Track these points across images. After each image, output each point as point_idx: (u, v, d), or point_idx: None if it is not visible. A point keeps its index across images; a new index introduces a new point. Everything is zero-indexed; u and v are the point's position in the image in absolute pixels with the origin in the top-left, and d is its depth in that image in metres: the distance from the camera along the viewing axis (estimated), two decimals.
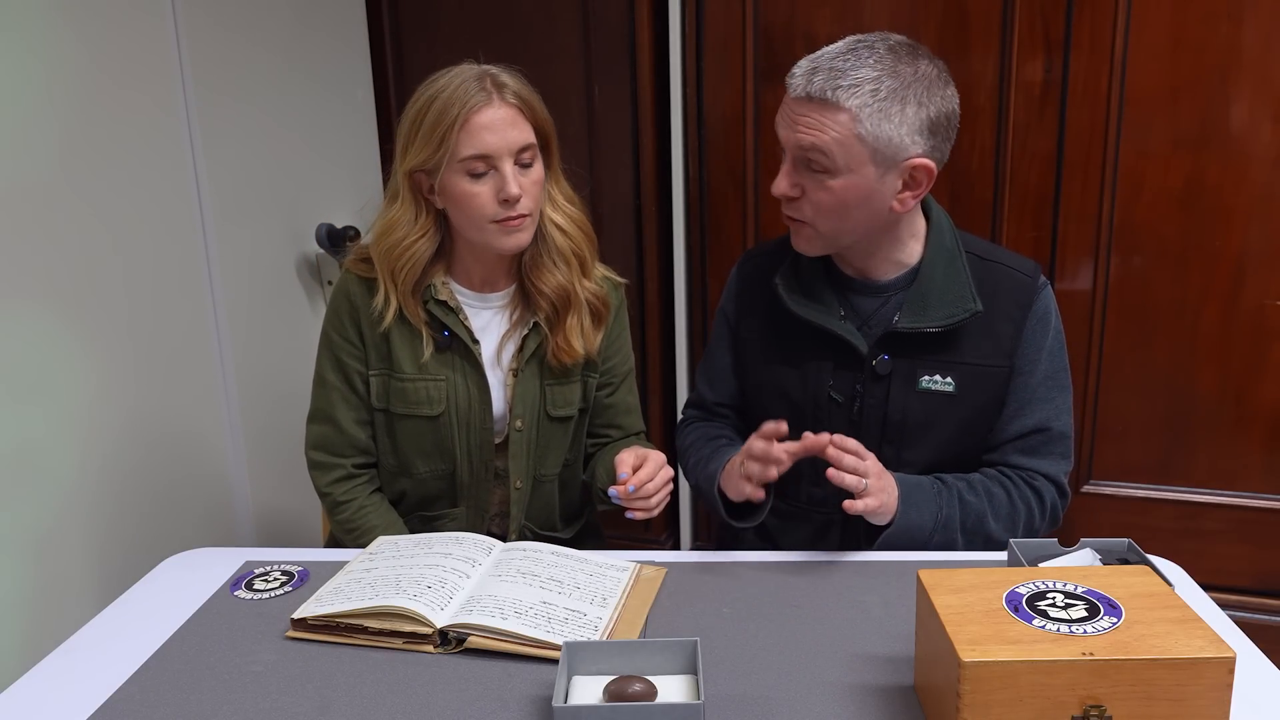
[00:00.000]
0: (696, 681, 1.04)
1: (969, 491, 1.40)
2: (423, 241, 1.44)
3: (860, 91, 1.29)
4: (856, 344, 1.41)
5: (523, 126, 1.40)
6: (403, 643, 1.16)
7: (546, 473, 1.58)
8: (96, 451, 1.73)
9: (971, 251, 1.44)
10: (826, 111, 1.31)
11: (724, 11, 2.32)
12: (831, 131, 1.31)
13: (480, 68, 1.41)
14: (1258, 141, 2.07)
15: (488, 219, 1.39)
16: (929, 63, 1.34)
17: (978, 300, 1.39)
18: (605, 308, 1.55)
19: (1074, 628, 0.92)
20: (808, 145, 1.32)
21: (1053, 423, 1.43)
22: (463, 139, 1.36)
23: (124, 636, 1.21)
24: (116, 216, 1.75)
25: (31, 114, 1.58)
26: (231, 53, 2.01)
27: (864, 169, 1.32)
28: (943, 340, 1.40)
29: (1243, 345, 2.18)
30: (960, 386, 1.41)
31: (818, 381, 1.45)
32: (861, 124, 1.30)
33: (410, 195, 1.43)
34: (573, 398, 1.55)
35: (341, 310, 1.50)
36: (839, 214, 1.36)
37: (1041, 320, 1.43)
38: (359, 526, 1.52)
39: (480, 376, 1.50)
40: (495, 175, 1.38)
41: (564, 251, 1.48)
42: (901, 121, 1.30)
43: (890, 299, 1.44)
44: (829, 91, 1.30)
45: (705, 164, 2.42)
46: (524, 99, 1.40)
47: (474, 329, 1.50)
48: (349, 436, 1.53)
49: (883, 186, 1.34)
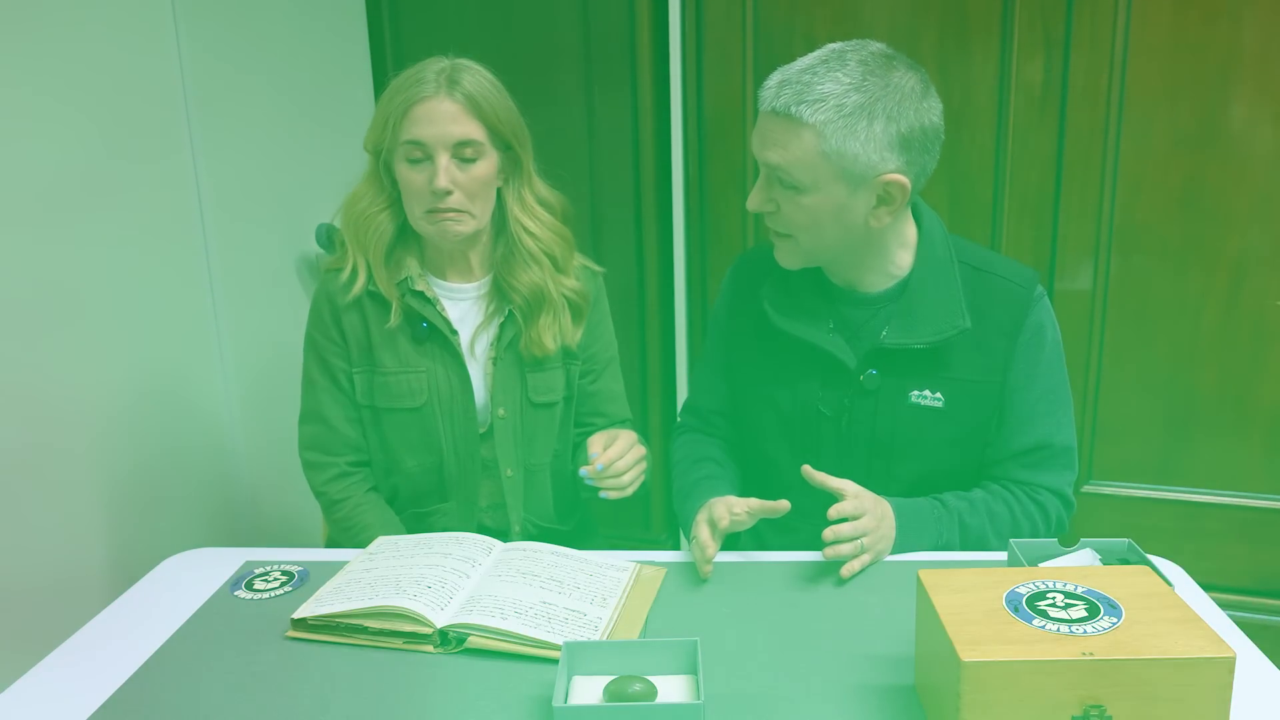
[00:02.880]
0: (696, 681, 1.04)
1: (969, 513, 1.38)
2: (383, 215, 1.49)
3: (824, 107, 1.25)
4: (845, 359, 1.39)
5: (465, 123, 1.41)
6: (403, 643, 1.16)
7: (536, 461, 1.58)
8: (96, 451, 1.73)
9: (965, 261, 1.40)
10: (790, 128, 1.27)
11: (724, 11, 2.32)
12: (795, 150, 1.27)
13: (450, 61, 1.44)
14: (1258, 141, 2.07)
15: (420, 206, 1.44)
16: (905, 73, 1.28)
17: (967, 317, 1.35)
18: (585, 302, 1.57)
19: (1074, 628, 0.92)
20: (774, 164, 1.30)
21: (1054, 437, 1.41)
22: (404, 125, 1.41)
23: (124, 636, 1.21)
24: (117, 216, 1.75)
25: (32, 114, 1.58)
26: (231, 53, 2.01)
27: (831, 187, 1.29)
28: (932, 355, 1.38)
29: (1243, 345, 2.18)
30: (950, 402, 1.39)
31: (806, 396, 1.43)
32: (826, 141, 1.26)
33: (374, 171, 1.49)
34: (555, 384, 1.56)
35: (323, 310, 1.52)
36: (814, 230, 1.33)
37: (1036, 334, 1.39)
38: (355, 524, 1.52)
39: (460, 366, 1.51)
40: (431, 165, 1.41)
41: (534, 253, 1.51)
42: (869, 138, 1.26)
43: (880, 311, 1.41)
44: (792, 107, 1.26)
45: (705, 164, 2.43)
46: (474, 98, 1.42)
47: (451, 319, 1.51)
48: (341, 434, 1.54)
49: (855, 203, 1.31)
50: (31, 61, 1.58)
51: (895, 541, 1.33)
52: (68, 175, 1.65)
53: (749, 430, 1.53)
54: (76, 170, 1.67)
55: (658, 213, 2.48)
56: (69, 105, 1.65)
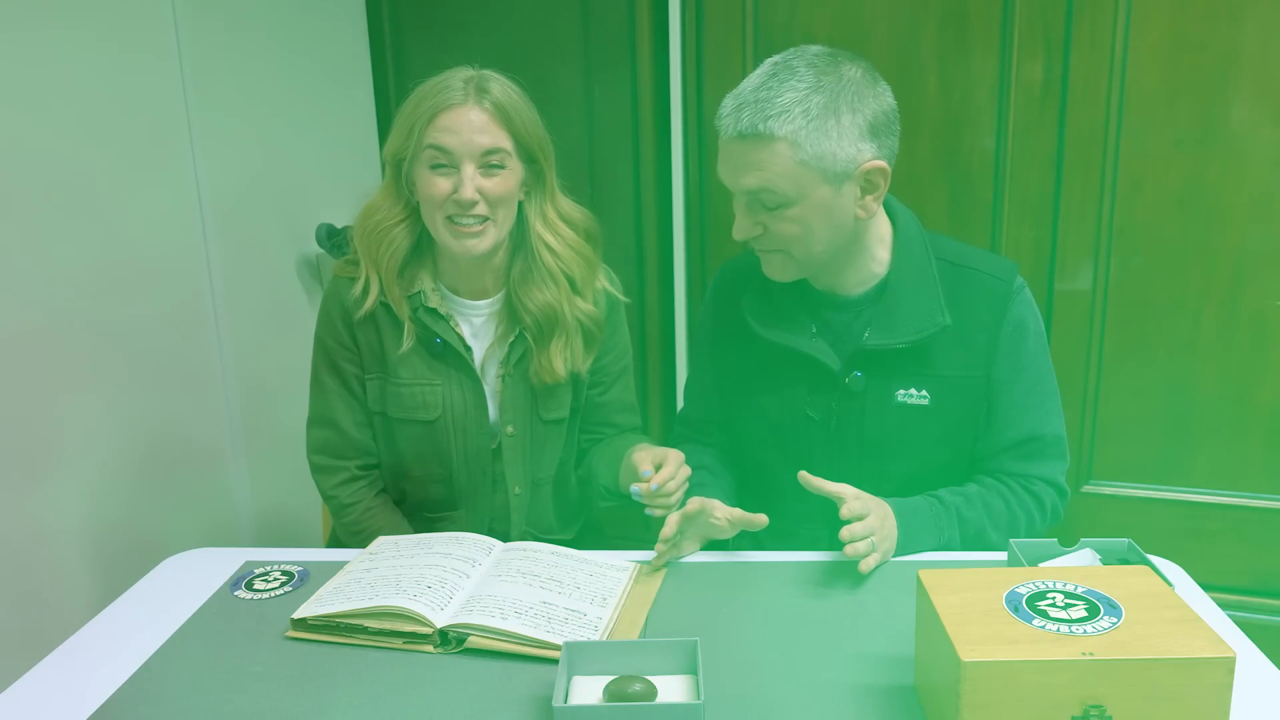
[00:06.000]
0: (696, 681, 1.04)
1: (966, 508, 1.39)
2: (399, 229, 1.45)
3: (790, 117, 1.25)
4: (829, 362, 1.39)
5: (494, 132, 1.39)
6: (402, 643, 1.16)
7: (544, 475, 1.57)
8: (97, 452, 1.73)
9: (943, 257, 1.41)
10: (762, 146, 1.26)
11: (724, 11, 2.32)
12: (773, 166, 1.26)
13: (477, 72, 1.42)
14: (1258, 141, 2.07)
15: (441, 214, 1.40)
16: (852, 66, 1.29)
17: (946, 314, 1.36)
18: (599, 329, 1.53)
19: (1074, 628, 0.92)
20: (755, 188, 1.29)
21: (1044, 428, 1.42)
22: (429, 133, 1.38)
23: (124, 636, 1.21)
24: (117, 216, 1.75)
25: (32, 114, 1.58)
26: (231, 53, 2.01)
27: (817, 190, 1.29)
28: (915, 353, 1.38)
29: (1243, 345, 2.18)
30: (935, 399, 1.39)
31: (793, 401, 1.43)
32: (801, 149, 1.25)
33: (392, 181, 1.46)
34: (564, 400, 1.55)
35: (334, 314, 1.50)
36: (807, 239, 1.33)
37: (1018, 327, 1.39)
38: (366, 529, 1.52)
39: (475, 382, 1.50)
40: (456, 174, 1.39)
41: (552, 271, 1.47)
42: (840, 134, 1.26)
43: (861, 313, 1.41)
44: (759, 125, 1.25)
45: (705, 164, 2.42)
46: (504, 107, 1.39)
47: (465, 335, 1.50)
48: (351, 439, 1.53)
49: (842, 199, 1.31)
50: (32, 61, 1.58)
51: (899, 542, 1.33)
52: (68, 175, 1.65)
53: (741, 438, 1.53)
54: (76, 170, 1.67)
55: (658, 213, 2.48)
56: (69, 105, 1.65)
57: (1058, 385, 1.45)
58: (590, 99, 2.45)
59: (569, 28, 2.42)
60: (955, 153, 2.23)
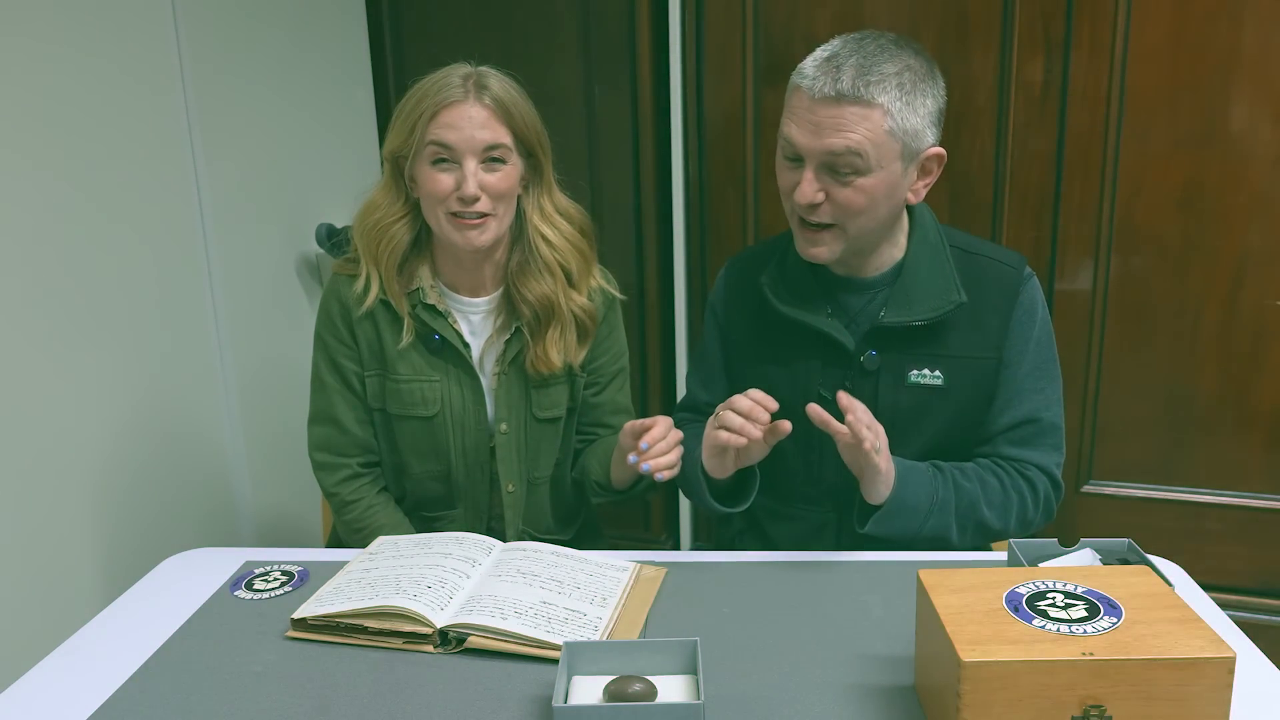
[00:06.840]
0: (696, 681, 1.04)
1: (963, 477, 1.40)
2: (399, 226, 1.47)
3: (889, 85, 1.28)
4: (844, 340, 1.41)
5: (495, 128, 1.40)
6: (402, 643, 1.16)
7: (539, 475, 1.58)
8: (96, 451, 1.73)
9: (956, 245, 1.44)
10: (859, 109, 1.28)
11: (724, 11, 2.32)
12: (865, 130, 1.28)
13: (475, 68, 1.43)
14: (1258, 141, 2.07)
15: (444, 210, 1.41)
16: (919, 54, 1.34)
17: (962, 292, 1.38)
18: (593, 323, 1.54)
19: (1074, 628, 0.92)
20: (840, 149, 1.29)
21: (1042, 413, 1.43)
22: (431, 129, 1.39)
23: (124, 636, 1.21)
24: (117, 216, 1.75)
25: (32, 114, 1.58)
26: (231, 53, 2.01)
27: (893, 164, 1.31)
28: (930, 334, 1.40)
29: (1243, 345, 2.18)
30: (949, 379, 1.41)
31: (806, 380, 1.44)
32: (893, 118, 1.28)
33: (391, 178, 1.47)
34: (559, 399, 1.55)
35: (333, 312, 1.51)
36: (867, 212, 1.33)
37: (1028, 311, 1.42)
38: (367, 526, 1.52)
39: (474, 379, 1.51)
40: (458, 170, 1.40)
41: (549, 263, 1.49)
42: (924, 113, 1.31)
43: (876, 295, 1.43)
44: (861, 88, 1.27)
45: (705, 164, 2.42)
46: (504, 103, 1.41)
47: (464, 332, 1.50)
48: (352, 436, 1.53)
49: (905, 180, 1.34)
50: (32, 62, 1.58)
51: (892, 488, 1.32)
52: (68, 175, 1.65)
53: None
54: (77, 170, 1.67)
55: (658, 213, 2.48)
56: (69, 105, 1.65)
57: (1062, 379, 1.46)
58: (590, 99, 2.45)
59: (569, 28, 2.42)
60: (955, 153, 2.23)
